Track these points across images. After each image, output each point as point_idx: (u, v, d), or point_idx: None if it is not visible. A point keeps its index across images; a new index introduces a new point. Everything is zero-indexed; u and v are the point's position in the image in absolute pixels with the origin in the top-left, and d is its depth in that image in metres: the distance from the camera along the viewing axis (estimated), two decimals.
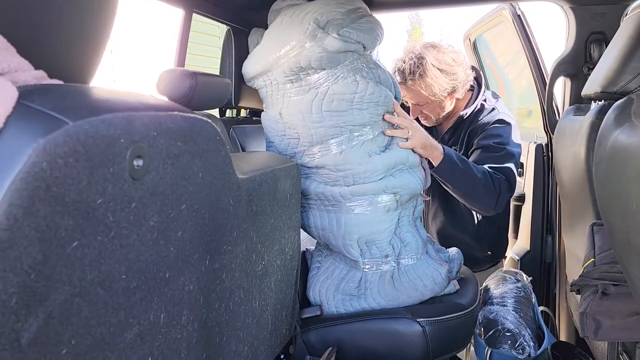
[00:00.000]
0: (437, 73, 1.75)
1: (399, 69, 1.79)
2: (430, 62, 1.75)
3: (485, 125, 1.84)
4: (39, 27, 0.54)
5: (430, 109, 1.88)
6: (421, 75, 1.74)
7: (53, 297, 0.43)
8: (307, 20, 1.25)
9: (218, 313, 0.76)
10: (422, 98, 1.81)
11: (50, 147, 0.40)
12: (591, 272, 1.00)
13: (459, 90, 1.84)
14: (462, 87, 1.84)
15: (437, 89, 1.77)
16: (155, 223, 0.55)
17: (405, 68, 1.77)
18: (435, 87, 1.76)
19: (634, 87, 1.20)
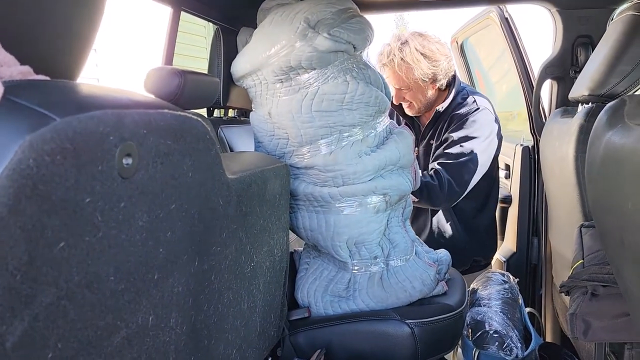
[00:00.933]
0: (420, 57, 1.83)
1: (385, 51, 1.88)
2: (414, 46, 1.84)
3: (461, 116, 1.90)
4: (25, 22, 0.52)
5: (412, 95, 1.94)
6: (403, 59, 1.83)
7: (39, 299, 0.41)
8: (297, 19, 1.24)
9: (207, 315, 0.74)
10: (403, 82, 1.89)
11: (37, 143, 0.39)
12: (580, 274, 1.01)
13: (441, 80, 1.91)
14: (443, 76, 1.91)
15: (418, 73, 1.84)
16: (144, 223, 0.54)
17: (390, 50, 1.86)
18: (417, 71, 1.84)
19: (622, 90, 1.21)
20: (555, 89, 2.00)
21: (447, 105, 1.95)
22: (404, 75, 1.87)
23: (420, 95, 1.94)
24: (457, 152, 1.84)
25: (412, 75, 1.86)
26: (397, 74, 1.88)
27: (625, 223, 0.63)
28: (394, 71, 1.88)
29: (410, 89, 1.92)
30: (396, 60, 1.85)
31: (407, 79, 1.88)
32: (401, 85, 1.91)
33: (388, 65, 1.88)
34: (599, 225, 0.79)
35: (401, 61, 1.84)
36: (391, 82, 1.92)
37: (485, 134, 1.86)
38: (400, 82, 1.90)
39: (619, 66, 1.24)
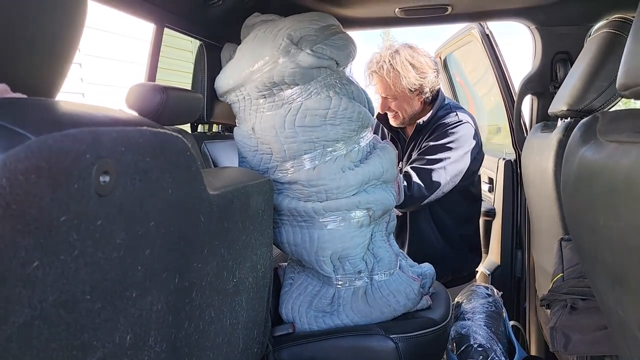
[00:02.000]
0: (409, 67, 1.87)
1: (375, 58, 1.92)
2: (404, 56, 1.88)
3: (442, 126, 1.94)
4: (2, 38, 0.52)
5: (398, 105, 1.97)
6: (392, 66, 1.87)
7: (12, 319, 0.41)
8: (280, 36, 1.26)
9: (187, 333, 0.74)
10: (390, 90, 1.93)
11: (10, 163, 0.39)
12: (560, 287, 1.02)
13: (427, 92, 1.95)
14: (429, 89, 1.95)
15: (405, 82, 1.88)
16: (122, 241, 0.53)
17: (380, 57, 1.91)
18: (404, 80, 1.88)
19: (599, 105, 1.24)
20: (535, 103, 2.03)
21: (429, 117, 1.98)
22: (392, 83, 1.91)
23: (405, 105, 1.97)
24: (431, 157, 1.87)
25: (399, 84, 1.89)
26: (385, 81, 1.91)
27: (598, 239, 0.64)
28: (382, 78, 1.91)
29: (396, 98, 1.96)
30: (385, 67, 1.89)
31: (394, 87, 1.91)
32: (388, 93, 1.94)
33: (377, 72, 1.91)
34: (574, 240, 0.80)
35: (390, 68, 1.88)
36: (378, 90, 1.97)
37: (462, 146, 1.90)
38: (388, 90, 1.93)
39: (596, 82, 1.27)
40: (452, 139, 1.89)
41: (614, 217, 0.58)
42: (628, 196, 0.56)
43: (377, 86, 1.96)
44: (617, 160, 0.59)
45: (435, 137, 1.92)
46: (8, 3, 0.52)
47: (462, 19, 2.05)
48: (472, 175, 1.98)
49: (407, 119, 2.03)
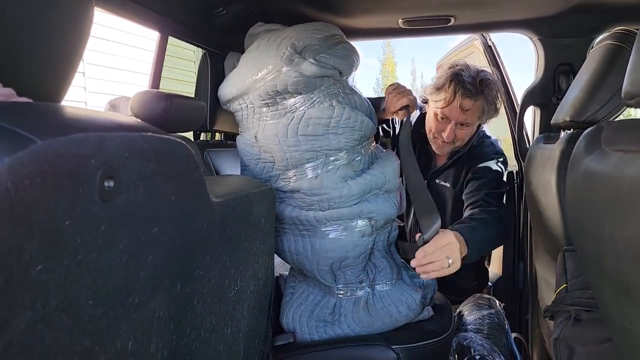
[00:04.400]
0: (496, 97, 1.73)
1: (470, 79, 1.67)
2: (495, 85, 1.72)
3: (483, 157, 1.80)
4: (9, 44, 0.52)
5: (467, 132, 1.78)
6: (489, 94, 1.69)
7: (14, 323, 0.40)
8: (284, 45, 1.26)
9: (189, 340, 0.73)
10: (473, 117, 1.73)
11: (16, 166, 0.39)
12: (564, 298, 1.01)
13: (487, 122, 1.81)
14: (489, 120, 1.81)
15: (487, 115, 1.73)
16: (125, 246, 0.53)
17: (481, 79, 1.67)
18: (490, 110, 1.72)
19: (602, 116, 1.24)
20: (538, 115, 2.03)
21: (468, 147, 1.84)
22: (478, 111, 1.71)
23: (469, 135, 1.80)
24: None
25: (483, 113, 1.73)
26: (473, 108, 1.70)
27: (603, 248, 0.63)
28: (473, 105, 1.69)
29: (471, 125, 1.76)
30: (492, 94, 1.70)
31: (478, 115, 1.73)
32: (469, 120, 1.73)
33: (472, 97, 1.67)
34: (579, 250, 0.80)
35: (488, 95, 1.69)
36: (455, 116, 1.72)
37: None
38: (471, 117, 1.72)
39: (599, 93, 1.27)
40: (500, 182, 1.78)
41: (619, 226, 0.58)
42: (634, 206, 0.55)
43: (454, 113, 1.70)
44: (623, 169, 0.59)
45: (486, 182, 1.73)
46: (15, 9, 0.52)
47: (465, 30, 2.05)
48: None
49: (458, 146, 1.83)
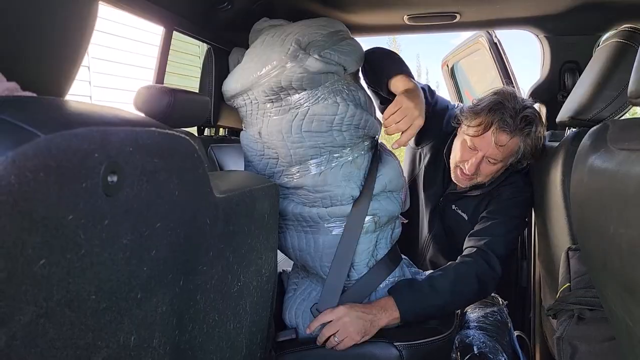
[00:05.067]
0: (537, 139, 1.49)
1: (513, 111, 1.45)
2: (539, 126, 1.49)
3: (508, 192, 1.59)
4: (13, 38, 0.52)
5: (493, 170, 1.54)
6: (528, 134, 1.46)
7: (17, 317, 0.40)
8: (288, 40, 1.26)
9: (191, 336, 0.73)
10: (505, 156, 1.49)
11: (19, 160, 0.38)
12: (567, 297, 1.01)
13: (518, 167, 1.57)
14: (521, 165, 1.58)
15: (521, 157, 1.51)
16: (128, 241, 0.53)
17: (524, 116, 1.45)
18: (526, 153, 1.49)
19: (608, 115, 1.23)
20: (543, 112, 2.02)
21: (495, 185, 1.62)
22: (510, 151, 1.49)
23: (495, 172, 1.56)
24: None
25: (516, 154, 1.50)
26: (507, 146, 1.47)
27: (608, 247, 0.63)
28: (507, 143, 1.46)
29: (500, 163, 1.52)
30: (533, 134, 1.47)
31: (509, 155, 1.50)
32: (498, 157, 1.49)
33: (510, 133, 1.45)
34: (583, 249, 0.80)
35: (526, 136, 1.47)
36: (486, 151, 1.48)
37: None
38: (502, 154, 1.49)
39: (604, 91, 1.26)
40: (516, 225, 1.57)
41: (625, 224, 0.58)
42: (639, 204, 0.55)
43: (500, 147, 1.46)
44: (629, 168, 0.59)
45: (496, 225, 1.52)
46: (20, 3, 0.52)
47: (471, 26, 2.04)
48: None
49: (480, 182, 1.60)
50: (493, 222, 1.52)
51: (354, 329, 1.28)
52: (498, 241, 1.46)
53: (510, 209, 1.55)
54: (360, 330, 1.29)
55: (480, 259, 1.43)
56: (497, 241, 1.46)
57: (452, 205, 1.71)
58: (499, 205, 1.56)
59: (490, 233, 1.49)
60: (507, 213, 1.53)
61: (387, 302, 1.35)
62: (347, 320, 1.29)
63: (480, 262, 1.43)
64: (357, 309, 1.32)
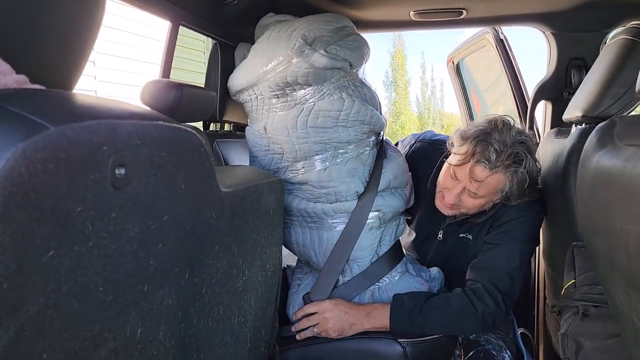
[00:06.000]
0: (526, 179, 1.36)
1: (499, 145, 1.32)
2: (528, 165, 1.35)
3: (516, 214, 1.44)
4: (22, 31, 0.53)
5: (475, 205, 1.43)
6: (515, 172, 1.34)
7: (25, 308, 0.41)
8: (294, 36, 1.26)
9: (196, 329, 0.74)
10: (487, 192, 1.38)
11: (29, 151, 0.39)
12: (572, 294, 1.01)
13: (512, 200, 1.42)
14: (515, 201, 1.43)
15: (509, 193, 1.38)
16: (135, 234, 0.54)
17: (512, 153, 1.33)
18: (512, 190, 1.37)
19: (615, 112, 1.23)
20: (549, 110, 2.02)
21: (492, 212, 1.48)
22: (496, 187, 1.37)
23: (479, 207, 1.44)
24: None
25: (502, 191, 1.38)
26: (489, 181, 1.35)
27: (614, 243, 0.63)
28: (503, 179, 1.35)
29: (483, 198, 1.40)
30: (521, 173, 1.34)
31: (494, 191, 1.39)
32: (480, 192, 1.37)
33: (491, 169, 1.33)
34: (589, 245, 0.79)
35: (513, 173, 1.34)
36: (466, 183, 1.37)
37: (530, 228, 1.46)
38: (485, 189, 1.37)
39: (612, 88, 1.26)
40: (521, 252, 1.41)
41: (632, 220, 0.57)
42: None
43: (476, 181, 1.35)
44: (636, 164, 0.59)
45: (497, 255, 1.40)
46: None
47: (477, 23, 2.04)
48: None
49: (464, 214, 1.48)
50: (494, 250, 1.40)
51: (332, 326, 1.31)
52: (500, 275, 1.34)
53: (514, 232, 1.41)
54: (337, 329, 1.32)
55: (489, 297, 1.31)
56: (499, 275, 1.34)
57: (459, 234, 1.55)
58: (500, 229, 1.43)
59: (492, 264, 1.37)
60: (510, 237, 1.40)
61: (375, 309, 1.34)
62: (327, 316, 1.32)
63: (486, 300, 1.31)
64: (342, 308, 1.33)
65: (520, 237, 1.40)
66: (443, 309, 1.32)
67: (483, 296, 1.32)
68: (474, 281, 1.37)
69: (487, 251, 1.41)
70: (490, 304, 1.30)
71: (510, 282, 1.34)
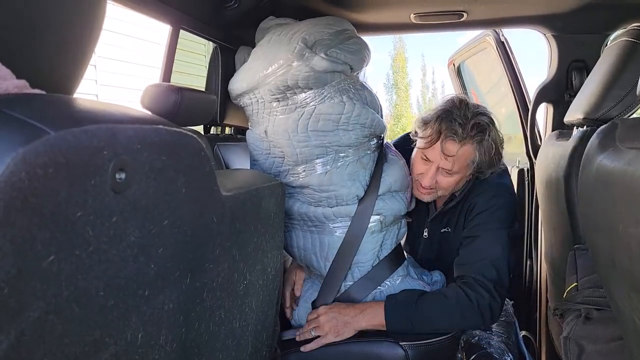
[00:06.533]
0: (492, 147, 1.42)
1: (462, 119, 1.39)
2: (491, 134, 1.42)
3: (482, 201, 1.48)
4: (22, 36, 0.53)
5: (451, 182, 1.46)
6: (480, 142, 1.40)
7: (26, 313, 0.41)
8: (295, 39, 1.26)
9: (198, 333, 0.74)
10: (460, 167, 1.43)
11: (30, 156, 0.39)
12: (574, 297, 1.00)
13: (487, 173, 1.49)
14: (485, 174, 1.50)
15: (480, 166, 1.45)
16: (136, 238, 0.53)
17: (475, 123, 1.39)
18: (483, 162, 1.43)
19: (616, 114, 1.23)
20: (550, 112, 2.02)
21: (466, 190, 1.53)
22: (466, 158, 1.42)
23: (456, 184, 1.48)
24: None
25: (472, 161, 1.43)
26: (459, 154, 1.40)
27: (616, 245, 0.63)
28: (471, 150, 1.41)
29: (457, 173, 1.45)
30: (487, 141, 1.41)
31: (466, 163, 1.43)
32: (453, 167, 1.42)
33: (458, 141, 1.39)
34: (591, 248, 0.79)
35: (478, 142, 1.40)
36: (438, 160, 1.42)
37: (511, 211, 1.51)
38: (457, 164, 1.42)
39: (613, 90, 1.26)
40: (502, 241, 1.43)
41: (634, 223, 0.57)
42: None
43: (449, 157, 1.40)
44: (637, 166, 0.59)
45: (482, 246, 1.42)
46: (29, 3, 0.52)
47: (478, 25, 2.04)
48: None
49: (444, 195, 1.53)
50: (474, 243, 1.43)
51: (328, 329, 1.33)
52: (486, 266, 1.37)
53: (488, 223, 1.44)
54: (334, 330, 1.33)
55: (481, 288, 1.34)
56: (485, 266, 1.37)
57: (440, 230, 1.60)
58: (474, 221, 1.47)
59: (476, 257, 1.40)
60: (485, 228, 1.43)
61: (369, 306, 1.35)
62: (322, 320, 1.35)
63: (479, 291, 1.34)
64: (335, 309, 1.35)
65: (495, 226, 1.44)
66: (439, 302, 1.34)
67: (475, 288, 1.35)
68: (462, 276, 1.40)
69: (468, 245, 1.45)
70: (484, 295, 1.33)
71: (497, 270, 1.37)
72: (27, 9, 0.52)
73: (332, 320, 1.33)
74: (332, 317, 1.34)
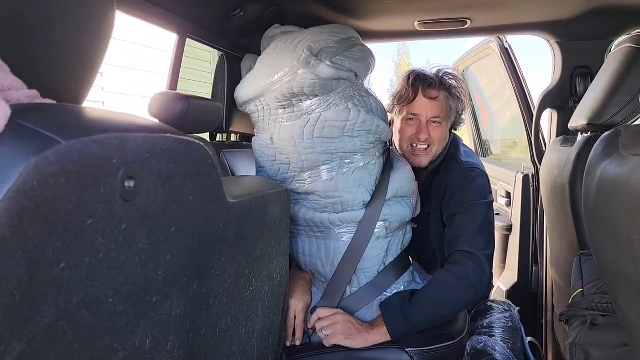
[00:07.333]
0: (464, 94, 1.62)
1: (435, 74, 1.59)
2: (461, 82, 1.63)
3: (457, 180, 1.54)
4: (33, 46, 0.54)
5: (441, 132, 1.58)
6: (451, 89, 1.59)
7: (38, 319, 0.41)
8: (300, 47, 1.27)
9: (204, 339, 0.74)
10: (445, 112, 1.58)
11: (41, 166, 0.40)
12: (580, 303, 1.00)
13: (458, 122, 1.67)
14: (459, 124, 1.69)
15: (456, 111, 1.62)
16: (144, 245, 0.54)
17: (443, 73, 1.59)
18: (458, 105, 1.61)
19: (620, 120, 1.23)
20: (554, 118, 2.02)
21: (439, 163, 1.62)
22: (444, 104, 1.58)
23: (443, 135, 1.60)
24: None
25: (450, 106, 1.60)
26: (437, 101, 1.57)
27: (621, 252, 0.63)
28: (436, 98, 1.57)
29: (443, 121, 1.59)
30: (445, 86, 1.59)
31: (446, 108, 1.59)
32: (438, 113, 1.57)
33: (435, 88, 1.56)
34: (596, 254, 0.79)
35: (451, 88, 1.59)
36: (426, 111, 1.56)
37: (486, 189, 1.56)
38: (438, 110, 1.57)
39: (617, 97, 1.26)
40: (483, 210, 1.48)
41: (637, 230, 0.58)
42: None
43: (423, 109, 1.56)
44: None
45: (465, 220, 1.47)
46: (38, 11, 0.53)
47: (482, 32, 2.04)
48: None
49: (435, 156, 1.61)
50: (457, 219, 1.48)
51: (340, 329, 1.33)
52: (471, 235, 1.42)
53: (464, 199, 1.49)
54: (346, 332, 1.33)
55: (467, 260, 1.38)
56: (470, 236, 1.42)
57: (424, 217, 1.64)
58: (452, 201, 1.53)
59: (461, 231, 1.45)
60: (463, 204, 1.49)
61: (378, 322, 1.36)
62: (339, 319, 1.35)
63: (465, 263, 1.38)
64: (349, 318, 1.37)
65: (472, 200, 1.49)
66: (431, 292, 1.37)
67: (461, 260, 1.39)
68: (451, 253, 1.45)
69: (451, 224, 1.50)
70: (469, 265, 1.37)
71: (483, 237, 1.43)
72: (36, 20, 0.53)
73: (348, 323, 1.34)
74: (347, 321, 1.35)
